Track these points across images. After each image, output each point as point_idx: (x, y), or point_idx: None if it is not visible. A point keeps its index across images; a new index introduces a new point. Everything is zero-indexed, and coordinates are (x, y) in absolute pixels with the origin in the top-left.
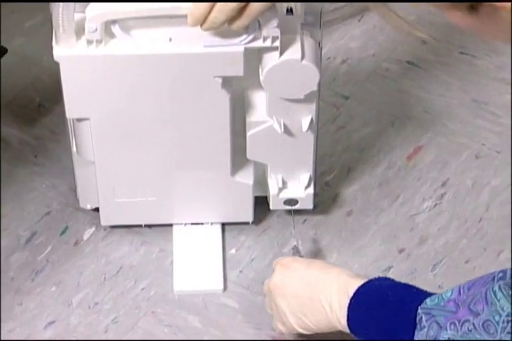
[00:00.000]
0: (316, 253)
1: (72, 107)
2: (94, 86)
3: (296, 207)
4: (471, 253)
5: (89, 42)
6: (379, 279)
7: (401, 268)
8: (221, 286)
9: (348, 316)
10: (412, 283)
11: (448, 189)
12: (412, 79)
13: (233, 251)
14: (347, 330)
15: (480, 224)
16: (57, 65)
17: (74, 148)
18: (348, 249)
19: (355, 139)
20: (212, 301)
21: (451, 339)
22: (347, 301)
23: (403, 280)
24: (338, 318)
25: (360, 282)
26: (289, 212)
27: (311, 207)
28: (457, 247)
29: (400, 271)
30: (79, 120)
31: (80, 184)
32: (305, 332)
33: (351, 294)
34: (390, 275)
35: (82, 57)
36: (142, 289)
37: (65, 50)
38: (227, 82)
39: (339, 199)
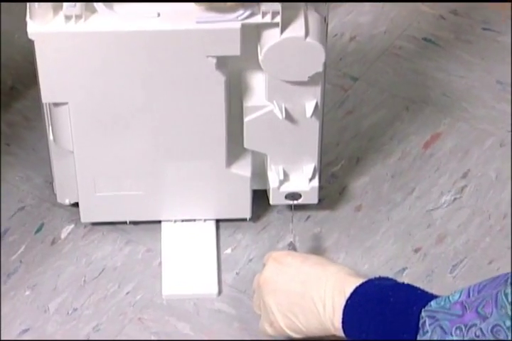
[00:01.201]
0: (322, 254)
1: (48, 90)
2: (73, 66)
3: (299, 201)
4: (494, 253)
5: (68, 17)
6: (379, 279)
7: (416, 270)
8: (215, 290)
9: (343, 318)
10: (429, 286)
11: (469, 181)
12: (429, 58)
13: (229, 250)
14: (341, 334)
15: (504, 221)
16: (31, 43)
17: (50, 136)
18: (357, 248)
19: (364, 125)
20: (205, 306)
21: None
22: (343, 302)
23: (419, 284)
24: (331, 320)
25: (359, 281)
26: (291, 207)
27: (315, 201)
28: (479, 246)
29: (415, 272)
30: (56, 105)
31: (57, 176)
32: (294, 336)
33: (348, 294)
34: (405, 277)
35: (59, 34)
36: (127, 293)
37: (40, 27)
38: (222, 62)
39: (347, 193)
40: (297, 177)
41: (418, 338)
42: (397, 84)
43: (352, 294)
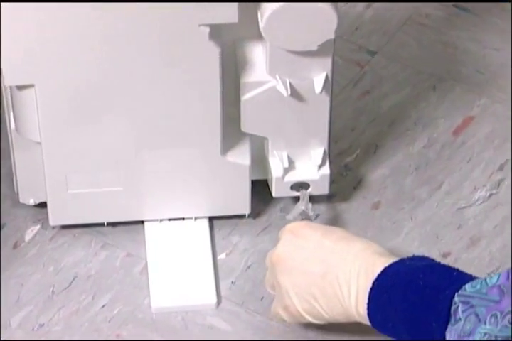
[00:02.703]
0: None
1: (11, 70)
2: (40, 41)
3: (308, 192)
4: None
5: None
6: (412, 259)
7: None
8: (213, 300)
9: (368, 304)
10: None
11: (507, 174)
12: (461, 28)
13: (223, 255)
14: (366, 322)
15: None
16: None
17: (12, 125)
18: None
19: (384, 108)
20: (195, 322)
21: (486, 337)
22: (369, 284)
23: None
24: (356, 305)
25: (389, 261)
26: (298, 200)
27: (326, 191)
28: None
29: None
30: (20, 88)
31: (20, 171)
32: (314, 321)
33: (375, 275)
34: None
35: (26, 6)
36: (103, 306)
37: None
38: (216, 31)
39: (363, 187)
40: (304, 164)
41: (449, 327)
42: (422, 59)
43: (379, 276)
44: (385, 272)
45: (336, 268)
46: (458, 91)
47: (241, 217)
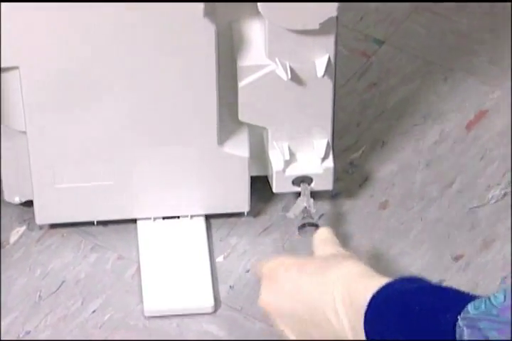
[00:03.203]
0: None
1: None
2: (27, 21)
3: (310, 187)
4: None
5: None
6: (401, 280)
7: (457, 283)
8: (210, 306)
9: (365, 333)
10: None
11: None
12: (473, 15)
13: (220, 258)
14: None
15: None
16: None
17: None
18: (382, 254)
19: (392, 101)
20: (191, 328)
21: None
22: (360, 317)
23: None
24: (354, 337)
25: (373, 285)
26: (300, 196)
27: (330, 187)
28: None
29: (455, 285)
30: (4, 70)
31: (3, 166)
32: None
33: (364, 307)
34: None
35: None
36: (93, 311)
37: None
38: (210, 9)
39: (370, 186)
40: (306, 156)
41: None
42: (432, 49)
43: (369, 306)
44: (375, 300)
45: (320, 304)
46: (470, 84)
47: (240, 215)
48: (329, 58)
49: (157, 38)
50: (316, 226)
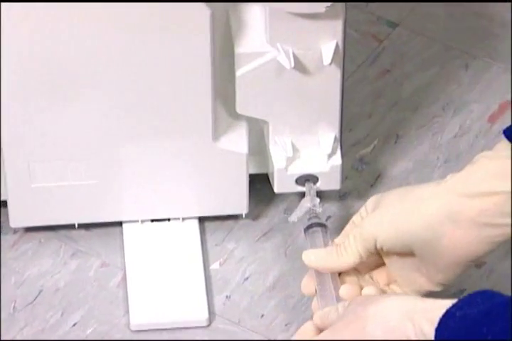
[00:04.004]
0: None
1: None
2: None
3: (316, 187)
4: None
5: None
6: (463, 301)
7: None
8: (205, 318)
9: None
10: None
11: None
12: None
13: (216, 265)
14: None
15: None
16: None
17: None
18: None
19: (407, 90)
20: None
21: None
22: None
23: None
24: None
25: (434, 317)
26: (304, 197)
27: (338, 186)
28: None
29: None
30: None
31: None
32: None
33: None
34: None
35: None
36: (74, 325)
37: None
38: None
39: (382, 185)
40: (311, 152)
41: None
42: (451, 33)
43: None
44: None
45: None
46: (494, 72)
47: (237, 218)
48: (337, 44)
49: (147, 24)
50: (325, 226)
